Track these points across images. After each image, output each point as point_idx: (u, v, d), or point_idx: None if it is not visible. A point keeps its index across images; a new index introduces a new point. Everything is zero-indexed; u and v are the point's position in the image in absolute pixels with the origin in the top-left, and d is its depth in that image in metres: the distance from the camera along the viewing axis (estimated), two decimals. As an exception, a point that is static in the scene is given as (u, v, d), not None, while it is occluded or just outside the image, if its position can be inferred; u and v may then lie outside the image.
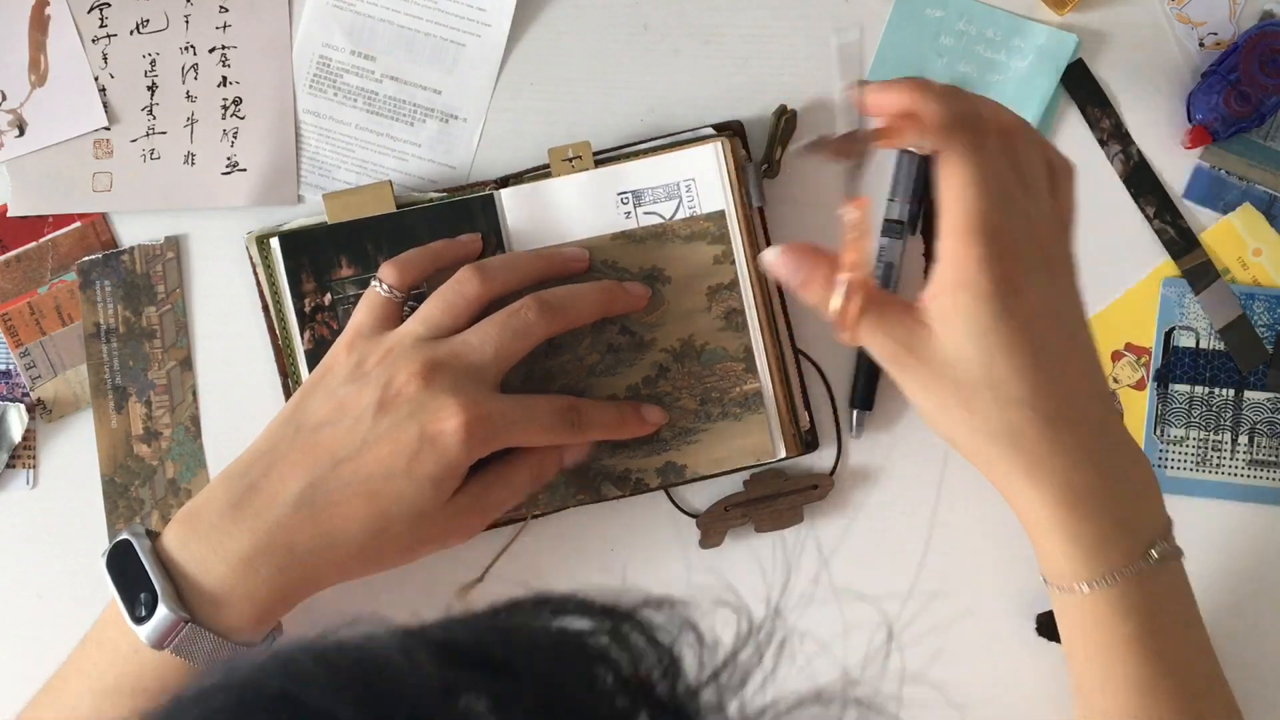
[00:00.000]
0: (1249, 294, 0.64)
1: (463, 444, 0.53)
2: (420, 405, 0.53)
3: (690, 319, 0.61)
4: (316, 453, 0.53)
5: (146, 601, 0.51)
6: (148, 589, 0.51)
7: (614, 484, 0.61)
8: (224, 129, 0.64)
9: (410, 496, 0.53)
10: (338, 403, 0.54)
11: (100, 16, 0.64)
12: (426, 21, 0.64)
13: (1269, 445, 0.64)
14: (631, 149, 0.62)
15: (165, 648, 0.51)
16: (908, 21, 0.64)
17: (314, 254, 0.60)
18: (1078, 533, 0.49)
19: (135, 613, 0.51)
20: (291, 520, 0.52)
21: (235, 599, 0.52)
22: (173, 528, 0.53)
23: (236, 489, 0.53)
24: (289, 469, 0.53)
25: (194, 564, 0.52)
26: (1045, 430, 0.48)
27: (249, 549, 0.52)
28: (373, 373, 0.54)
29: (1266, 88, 0.62)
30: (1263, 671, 0.64)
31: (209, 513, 0.53)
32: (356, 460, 0.53)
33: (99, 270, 0.63)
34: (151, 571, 0.51)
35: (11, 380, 0.63)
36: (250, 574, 0.52)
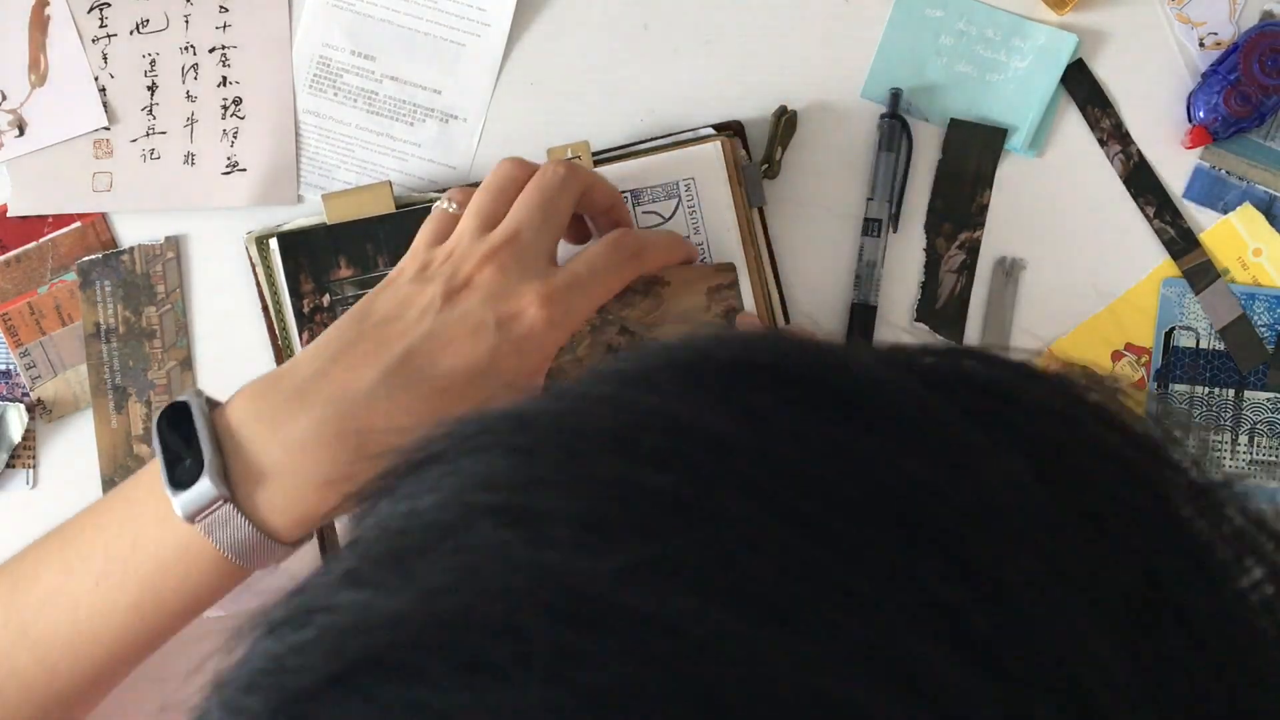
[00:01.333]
0: (1249, 294, 0.64)
1: (547, 330, 0.50)
2: (490, 293, 0.50)
3: (690, 318, 0.61)
4: (388, 344, 0.50)
5: (190, 469, 0.47)
6: (194, 457, 0.47)
7: None
8: (224, 129, 0.64)
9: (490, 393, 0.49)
10: (403, 299, 0.51)
11: (100, 16, 0.64)
12: (426, 21, 0.64)
13: (1269, 445, 0.64)
14: (631, 149, 0.62)
15: (196, 522, 0.47)
16: (908, 21, 0.64)
17: (313, 255, 0.60)
18: None
19: (175, 478, 0.47)
20: (364, 410, 0.48)
21: (284, 489, 0.48)
22: (235, 401, 0.49)
23: (303, 375, 0.49)
24: (359, 358, 0.49)
25: (249, 443, 0.48)
26: None
27: (313, 436, 0.48)
28: (438, 271, 0.51)
29: (1266, 88, 0.62)
30: (1263, 671, 0.64)
31: (273, 393, 0.49)
32: (431, 350, 0.49)
33: (99, 270, 0.63)
34: (203, 440, 0.47)
35: (11, 380, 0.63)
36: (308, 464, 0.48)
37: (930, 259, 0.64)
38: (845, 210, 0.64)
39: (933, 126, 0.64)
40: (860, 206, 0.64)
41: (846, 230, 0.64)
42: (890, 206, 0.63)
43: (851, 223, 0.64)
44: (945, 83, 0.64)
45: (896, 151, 0.63)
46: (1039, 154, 0.64)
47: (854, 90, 0.64)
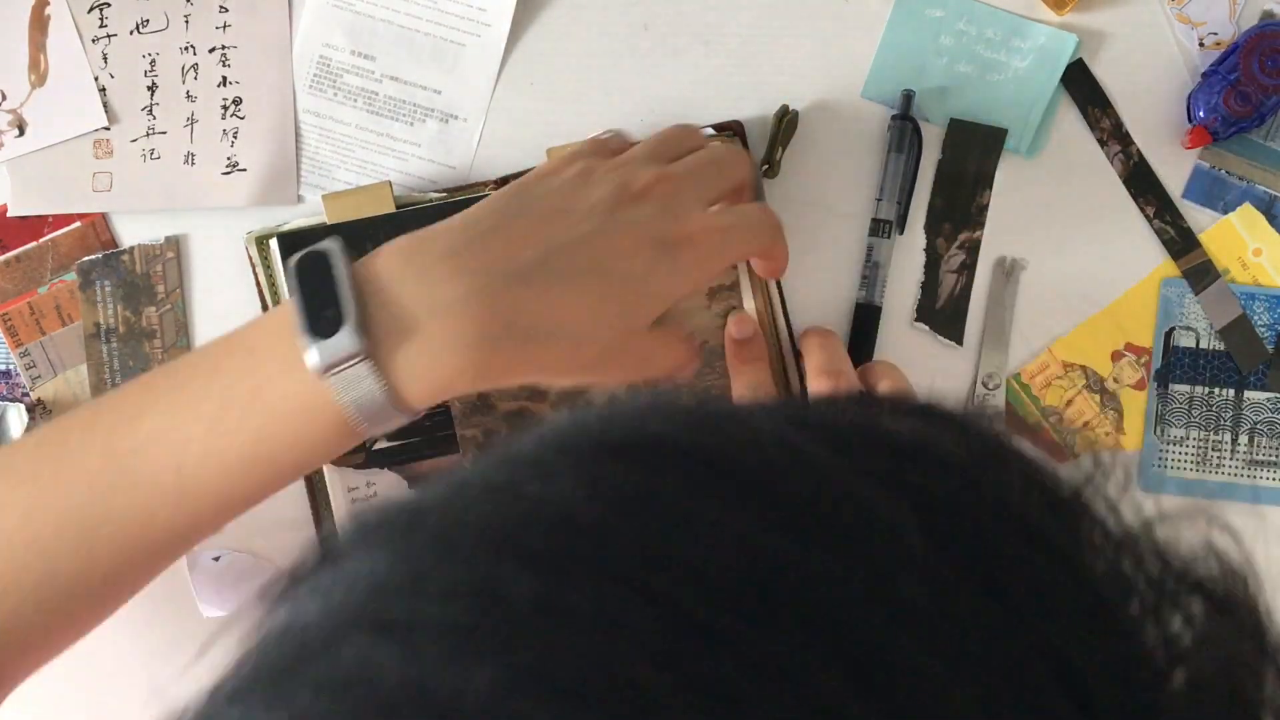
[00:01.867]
0: (1249, 294, 0.64)
1: (704, 259, 0.49)
2: (664, 207, 0.49)
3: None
4: (551, 230, 0.48)
5: (331, 319, 0.44)
6: (335, 306, 0.45)
7: None
8: (224, 129, 0.64)
9: (635, 306, 0.48)
10: (569, 192, 0.49)
11: (100, 16, 0.64)
12: (426, 21, 0.64)
13: (1269, 445, 0.64)
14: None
15: (328, 375, 0.44)
16: (908, 21, 0.64)
17: None
18: None
19: (314, 327, 0.44)
20: (517, 290, 0.46)
21: (424, 352, 0.45)
22: (382, 255, 0.47)
23: (459, 240, 0.47)
24: (519, 237, 0.47)
25: (395, 300, 0.45)
26: None
27: (462, 303, 0.45)
28: (606, 177, 0.50)
29: (1266, 88, 0.62)
30: (1263, 671, 0.64)
31: (424, 253, 0.47)
32: (594, 248, 0.48)
33: (99, 270, 0.63)
34: (344, 291, 0.45)
35: (11, 380, 0.63)
36: (453, 331, 0.45)
37: (930, 259, 0.64)
38: (846, 210, 0.64)
39: (933, 126, 0.64)
40: (861, 206, 0.64)
41: (847, 230, 0.64)
42: (899, 208, 0.63)
43: (853, 222, 0.64)
44: (945, 83, 0.64)
45: (907, 153, 0.63)
46: (1039, 154, 0.64)
47: (854, 90, 0.64)
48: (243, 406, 0.46)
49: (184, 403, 0.47)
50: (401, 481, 0.60)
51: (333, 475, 0.60)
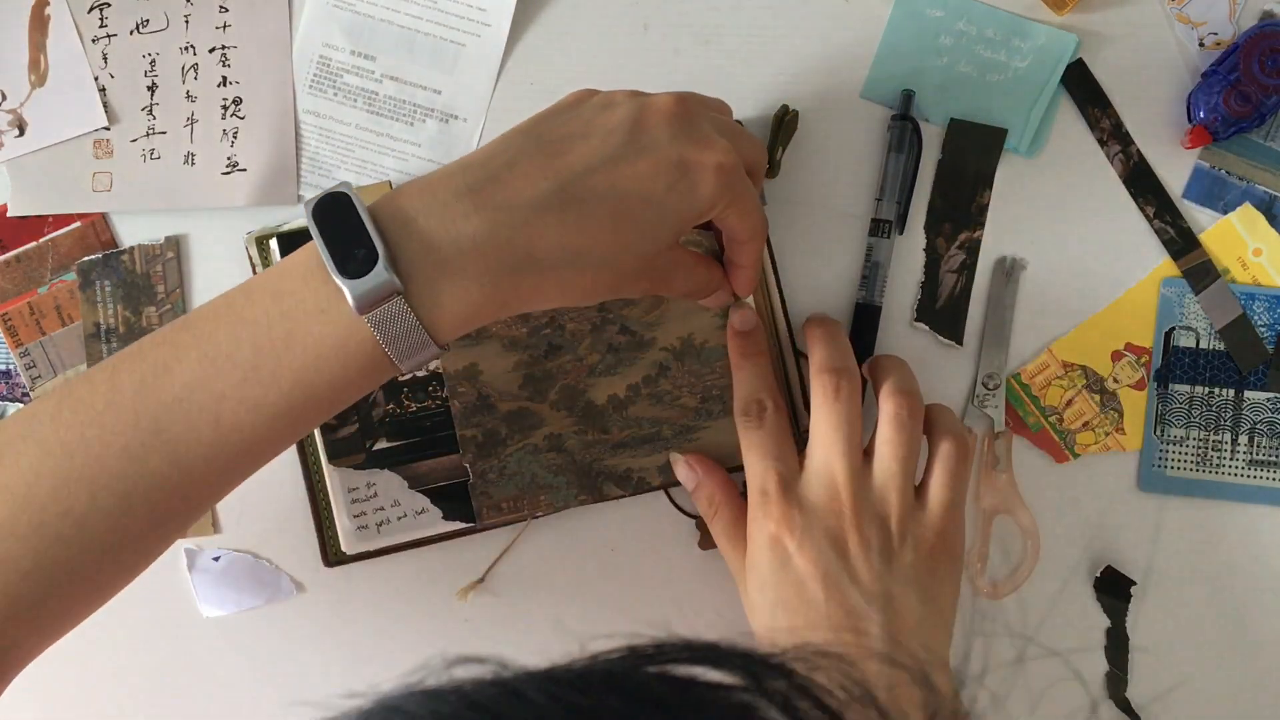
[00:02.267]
0: (1249, 294, 0.64)
1: (723, 182, 0.49)
2: (683, 131, 0.49)
3: (690, 317, 0.61)
4: (567, 159, 0.48)
5: (363, 258, 0.45)
6: (365, 246, 0.45)
7: (615, 484, 0.61)
8: (224, 129, 0.64)
9: (653, 229, 0.49)
10: (585, 121, 0.50)
11: (100, 16, 0.64)
12: (426, 21, 0.64)
13: (1269, 445, 0.64)
14: None
15: (366, 313, 0.45)
16: (908, 21, 0.64)
17: None
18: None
19: (344, 269, 0.45)
20: (538, 220, 0.47)
21: (453, 285, 0.46)
22: (402, 194, 0.48)
23: (475, 176, 0.48)
24: (535, 169, 0.48)
25: (419, 236, 0.47)
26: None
27: (484, 236, 0.46)
28: (627, 102, 0.50)
29: (1266, 88, 0.62)
30: (1262, 672, 0.64)
31: (443, 191, 0.47)
32: (612, 172, 0.48)
33: (99, 270, 0.63)
34: (372, 231, 0.46)
35: (11, 380, 0.63)
36: (477, 264, 0.46)
37: (930, 259, 0.64)
38: (846, 209, 0.64)
39: (933, 126, 0.64)
40: (861, 206, 0.64)
41: (847, 230, 0.64)
42: (899, 207, 0.63)
43: (852, 222, 0.64)
44: (945, 83, 0.64)
45: (907, 153, 0.63)
46: (1039, 154, 0.64)
47: (854, 90, 0.64)
48: (278, 353, 0.46)
49: (216, 355, 0.46)
50: (402, 481, 0.60)
51: (333, 475, 0.60)
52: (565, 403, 0.60)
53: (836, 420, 0.55)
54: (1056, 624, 0.64)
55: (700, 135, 0.50)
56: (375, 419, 0.60)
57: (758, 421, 0.57)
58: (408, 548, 0.62)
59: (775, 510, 0.54)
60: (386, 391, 0.60)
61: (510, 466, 0.61)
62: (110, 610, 0.63)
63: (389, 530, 0.60)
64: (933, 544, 0.55)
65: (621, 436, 0.61)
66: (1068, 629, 0.63)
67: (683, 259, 0.54)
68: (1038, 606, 0.64)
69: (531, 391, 0.60)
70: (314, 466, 0.61)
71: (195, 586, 0.63)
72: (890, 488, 0.55)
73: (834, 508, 0.54)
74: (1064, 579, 0.64)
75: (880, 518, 0.54)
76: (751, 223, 0.54)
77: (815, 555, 0.53)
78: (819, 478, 0.55)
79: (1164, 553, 0.64)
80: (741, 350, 0.59)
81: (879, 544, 0.53)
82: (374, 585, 0.63)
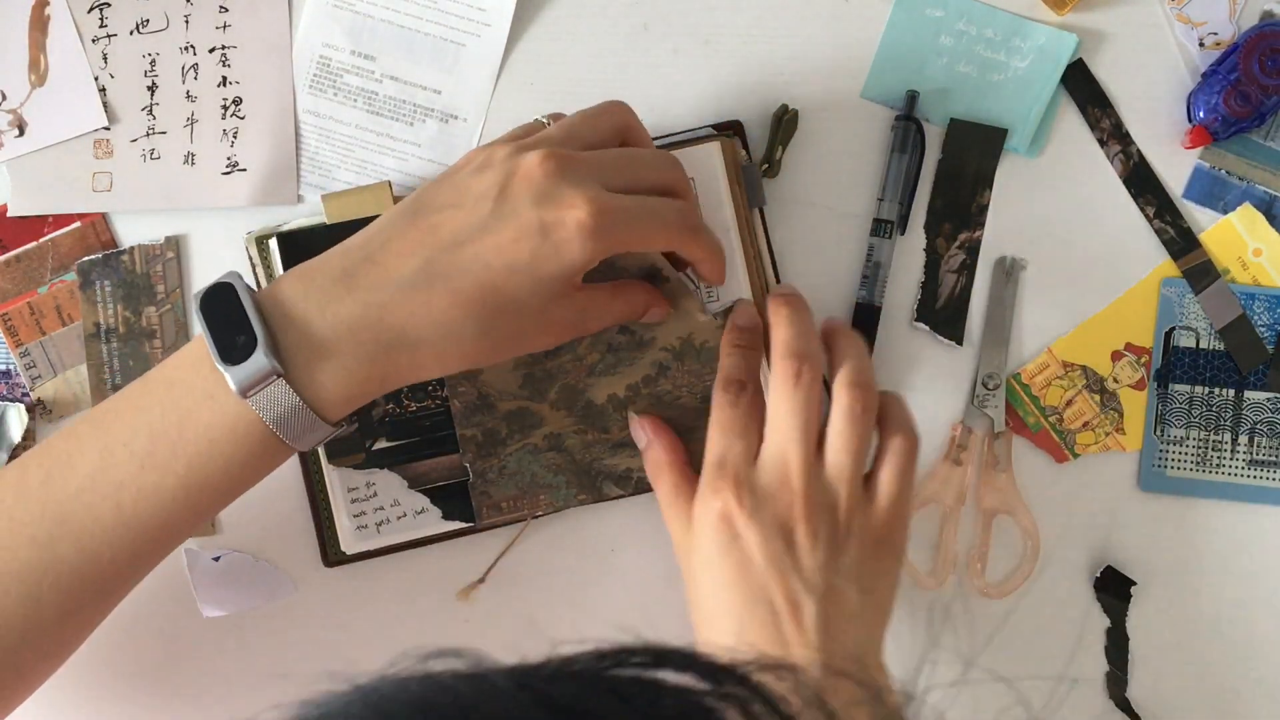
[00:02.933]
0: (1249, 294, 0.64)
1: (587, 237, 0.50)
2: (544, 193, 0.50)
3: (690, 317, 0.61)
4: (437, 233, 0.50)
5: (243, 345, 0.48)
6: (245, 333, 0.48)
7: (615, 483, 0.61)
8: (224, 129, 0.64)
9: (527, 294, 0.50)
10: (459, 189, 0.51)
11: (100, 16, 0.64)
12: (426, 21, 0.64)
13: (1269, 445, 0.64)
14: None
15: (249, 396, 0.48)
16: (908, 21, 0.64)
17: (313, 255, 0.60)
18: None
19: (227, 354, 0.48)
20: (406, 299, 0.49)
21: (332, 367, 0.49)
22: (283, 281, 0.51)
23: (352, 260, 0.50)
24: (407, 246, 0.50)
25: (299, 320, 0.49)
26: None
27: (357, 318, 0.49)
28: (500, 163, 0.51)
29: (1266, 88, 0.62)
30: (1262, 672, 0.64)
31: (320, 276, 0.50)
32: (477, 244, 0.50)
33: (99, 270, 0.63)
34: (253, 317, 0.48)
35: (11, 380, 0.63)
36: (353, 345, 0.49)
37: (930, 259, 0.64)
38: (846, 210, 0.64)
39: (933, 126, 0.64)
40: (860, 206, 0.64)
41: (847, 230, 0.64)
42: (901, 208, 0.63)
43: (852, 222, 0.64)
44: (945, 83, 0.64)
45: (910, 153, 0.63)
46: (1039, 154, 0.64)
47: (854, 90, 0.64)
48: (172, 440, 0.49)
49: (114, 444, 0.49)
50: (401, 481, 0.60)
51: (332, 475, 0.60)
52: (565, 402, 0.60)
53: (794, 406, 0.55)
54: (1056, 624, 0.64)
55: (560, 194, 0.50)
56: (375, 419, 0.60)
57: (734, 398, 0.57)
58: (407, 548, 0.62)
59: (728, 487, 0.54)
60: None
61: (510, 466, 0.61)
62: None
63: (388, 530, 0.60)
64: (877, 537, 0.55)
65: (621, 436, 0.61)
66: (1068, 629, 0.63)
67: (589, 301, 0.54)
68: (1038, 607, 0.64)
69: (531, 391, 0.60)
70: (314, 466, 0.61)
71: (195, 586, 0.63)
72: (841, 480, 0.55)
73: (785, 495, 0.54)
74: (1064, 579, 0.64)
75: (829, 509, 0.55)
76: (666, 237, 0.54)
77: (762, 539, 0.53)
78: (773, 463, 0.55)
79: (1164, 553, 0.64)
80: (735, 341, 0.59)
81: (825, 535, 0.54)
82: (374, 585, 0.63)
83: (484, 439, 0.60)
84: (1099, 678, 0.63)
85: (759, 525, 0.54)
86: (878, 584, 0.55)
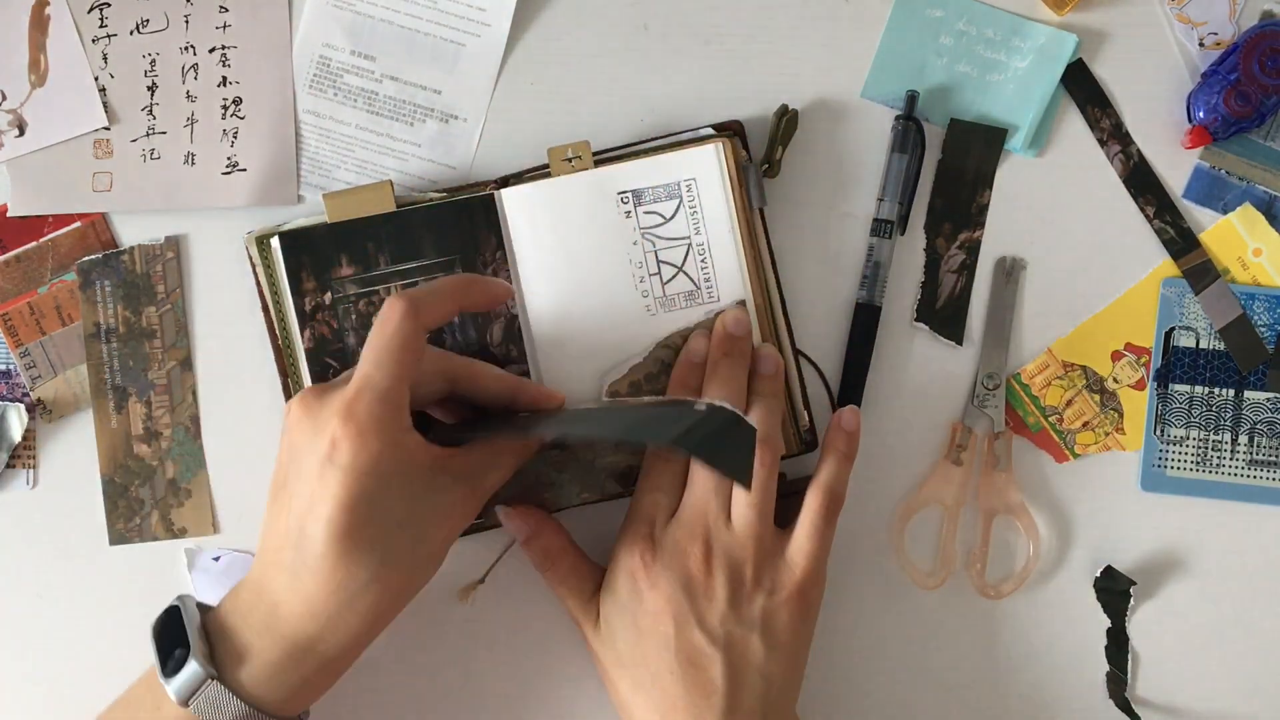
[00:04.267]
0: (1249, 294, 0.64)
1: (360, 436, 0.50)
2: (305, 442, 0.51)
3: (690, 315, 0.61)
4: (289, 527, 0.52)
5: (179, 657, 0.52)
6: (181, 647, 0.52)
7: (617, 481, 0.61)
8: (224, 129, 0.64)
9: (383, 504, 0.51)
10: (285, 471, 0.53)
11: (100, 16, 0.64)
12: (426, 21, 0.64)
13: (1269, 445, 0.64)
14: (631, 149, 0.62)
15: (190, 704, 0.51)
16: (908, 21, 0.64)
17: (314, 253, 0.60)
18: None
19: (166, 669, 0.52)
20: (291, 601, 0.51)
21: (259, 666, 0.52)
22: (224, 598, 0.54)
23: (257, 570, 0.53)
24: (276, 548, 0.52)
25: (231, 630, 0.52)
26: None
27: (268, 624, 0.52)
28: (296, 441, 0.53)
29: (1266, 88, 0.62)
30: (1263, 672, 0.64)
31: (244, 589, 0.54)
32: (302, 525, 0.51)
33: (99, 270, 0.63)
34: (189, 630, 0.52)
35: (11, 380, 0.63)
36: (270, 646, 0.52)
37: (930, 259, 0.64)
38: (846, 209, 0.64)
39: (933, 126, 0.64)
40: (860, 206, 0.64)
41: (847, 230, 0.64)
42: (901, 208, 0.63)
43: (851, 222, 0.64)
44: (945, 83, 0.64)
45: (910, 153, 0.63)
46: (1039, 154, 0.64)
47: (854, 90, 0.64)
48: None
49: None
50: None
51: None
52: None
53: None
54: (1056, 624, 0.64)
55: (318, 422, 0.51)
56: None
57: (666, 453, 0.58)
58: None
59: (639, 546, 0.57)
60: None
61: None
62: (110, 610, 0.63)
63: None
64: (790, 592, 0.56)
65: None
66: (1068, 629, 0.63)
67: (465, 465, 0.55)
68: (1038, 607, 0.64)
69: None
70: None
71: (195, 586, 0.63)
72: (748, 535, 0.56)
73: (695, 550, 0.56)
74: (1064, 579, 0.64)
75: (736, 564, 0.56)
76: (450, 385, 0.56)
77: (669, 595, 0.55)
78: (691, 514, 0.57)
79: (1164, 553, 0.64)
80: (723, 348, 0.59)
81: (728, 591, 0.56)
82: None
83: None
84: (1099, 678, 0.63)
85: (665, 581, 0.56)
86: (788, 639, 0.56)
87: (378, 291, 0.60)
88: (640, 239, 0.61)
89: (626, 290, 0.61)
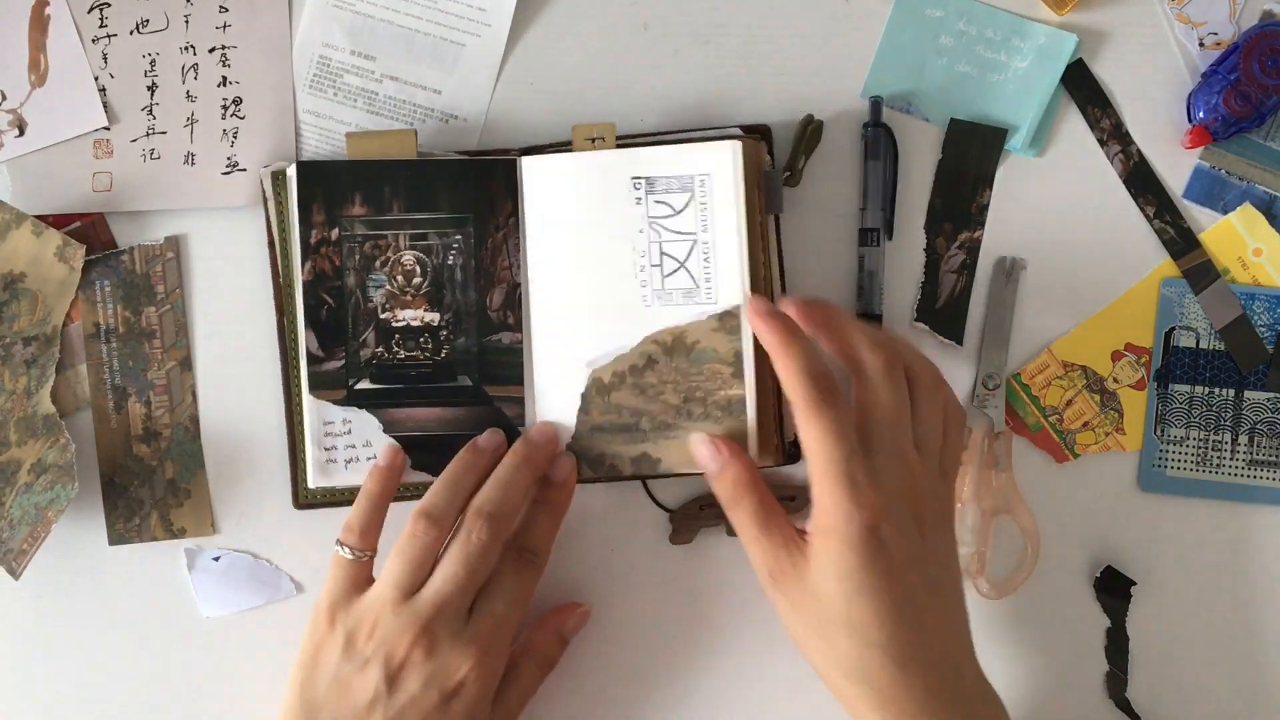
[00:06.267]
0: (1249, 294, 0.64)
1: (482, 685, 0.55)
2: (431, 672, 0.54)
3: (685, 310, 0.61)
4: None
5: None
6: None
7: (589, 465, 0.61)
8: (224, 129, 0.64)
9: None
10: (343, 685, 0.55)
11: (100, 16, 0.64)
12: (426, 21, 0.64)
13: (1269, 445, 0.64)
14: (656, 137, 0.62)
15: None
16: (908, 21, 0.64)
17: (329, 185, 0.60)
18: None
19: None
20: None
21: None
22: None
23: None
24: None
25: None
26: (897, 674, 0.51)
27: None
28: (368, 651, 0.55)
29: (1266, 88, 0.62)
30: (1263, 672, 0.64)
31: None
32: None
33: (99, 270, 0.63)
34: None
35: (11, 380, 0.63)
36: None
37: (930, 259, 0.64)
38: (847, 212, 0.64)
39: (933, 126, 0.64)
40: (857, 207, 0.64)
41: (848, 233, 0.64)
42: (884, 214, 0.63)
43: (850, 222, 0.64)
44: (945, 83, 0.64)
45: (883, 159, 0.63)
46: (1039, 154, 0.64)
47: (854, 90, 0.64)
48: None
49: None
50: (378, 424, 0.60)
51: (310, 405, 0.60)
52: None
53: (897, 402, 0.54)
54: (1056, 624, 0.64)
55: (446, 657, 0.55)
56: (362, 359, 0.60)
57: (832, 399, 0.53)
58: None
59: (869, 498, 0.51)
60: (379, 334, 0.60)
61: None
62: (110, 610, 0.63)
63: (355, 469, 0.60)
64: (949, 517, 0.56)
65: (600, 420, 0.61)
66: (1068, 629, 0.63)
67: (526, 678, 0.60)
68: (1038, 607, 0.64)
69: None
70: (295, 400, 0.61)
71: (195, 586, 0.63)
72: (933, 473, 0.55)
73: (909, 491, 0.53)
74: (1064, 579, 0.64)
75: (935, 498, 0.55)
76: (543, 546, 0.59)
77: (906, 542, 0.52)
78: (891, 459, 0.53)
79: (1164, 553, 0.64)
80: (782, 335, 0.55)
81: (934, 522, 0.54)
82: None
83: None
84: (1099, 678, 0.63)
85: (901, 529, 0.52)
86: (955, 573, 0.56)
87: (385, 236, 0.60)
88: (647, 227, 0.60)
89: (626, 277, 0.60)
